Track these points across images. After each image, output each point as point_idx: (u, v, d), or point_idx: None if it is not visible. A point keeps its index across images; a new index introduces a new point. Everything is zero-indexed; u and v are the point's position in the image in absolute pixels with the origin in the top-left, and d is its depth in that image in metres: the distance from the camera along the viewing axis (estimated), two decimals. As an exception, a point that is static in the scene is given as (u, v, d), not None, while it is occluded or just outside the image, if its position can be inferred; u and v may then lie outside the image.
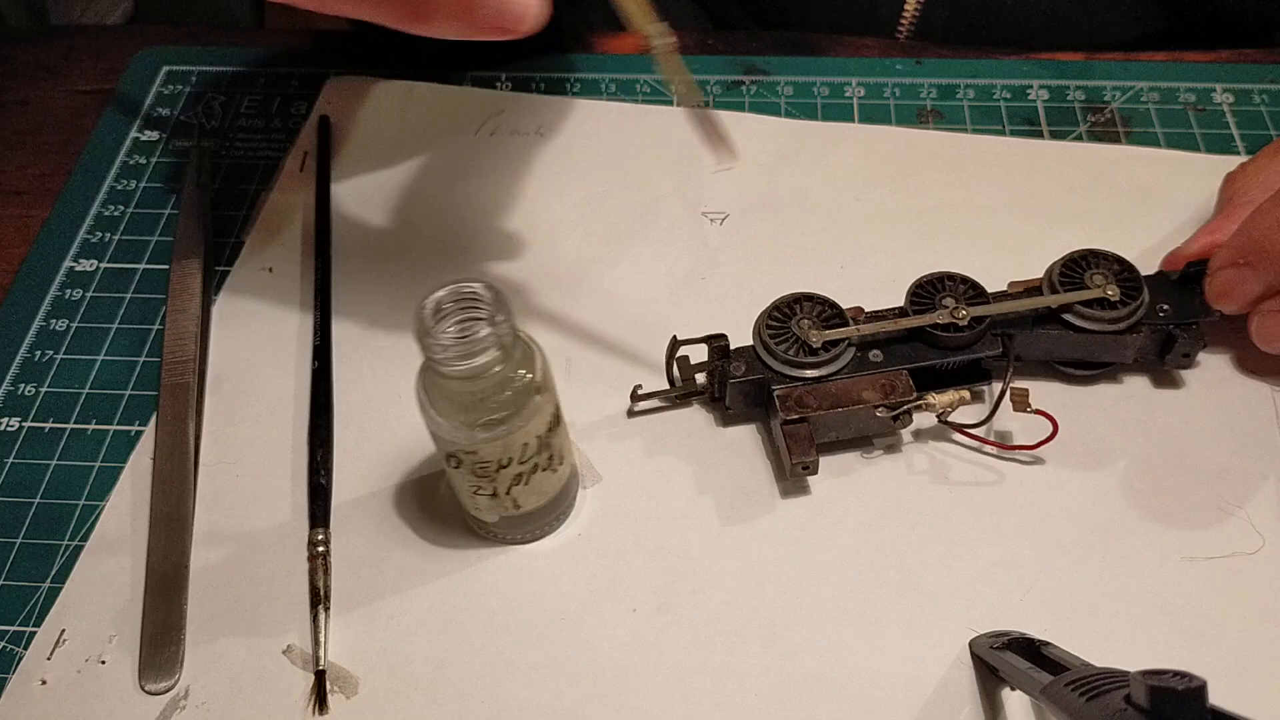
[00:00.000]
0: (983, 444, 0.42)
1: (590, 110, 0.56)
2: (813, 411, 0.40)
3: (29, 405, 0.45)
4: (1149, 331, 0.42)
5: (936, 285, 0.42)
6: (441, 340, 0.33)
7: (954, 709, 0.36)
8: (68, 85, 0.59)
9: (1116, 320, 0.41)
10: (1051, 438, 0.40)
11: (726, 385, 0.42)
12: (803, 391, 0.40)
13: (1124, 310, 0.41)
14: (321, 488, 0.41)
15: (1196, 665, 0.26)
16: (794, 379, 0.40)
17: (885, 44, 0.59)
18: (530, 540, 0.40)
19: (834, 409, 0.40)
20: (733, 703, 0.36)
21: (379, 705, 0.37)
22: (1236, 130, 0.53)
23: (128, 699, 0.37)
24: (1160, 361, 0.43)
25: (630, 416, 0.44)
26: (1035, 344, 0.42)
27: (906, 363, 0.41)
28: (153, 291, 0.49)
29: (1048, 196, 0.51)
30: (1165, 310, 0.42)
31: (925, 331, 0.41)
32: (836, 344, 0.41)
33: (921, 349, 0.41)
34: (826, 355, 0.40)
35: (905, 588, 0.39)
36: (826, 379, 0.40)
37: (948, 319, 0.41)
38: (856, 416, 0.40)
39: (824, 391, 0.40)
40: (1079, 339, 0.42)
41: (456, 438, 0.35)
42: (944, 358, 0.41)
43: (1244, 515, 0.40)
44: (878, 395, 0.40)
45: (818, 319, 0.41)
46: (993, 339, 0.41)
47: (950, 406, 0.40)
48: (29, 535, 0.41)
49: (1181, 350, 0.42)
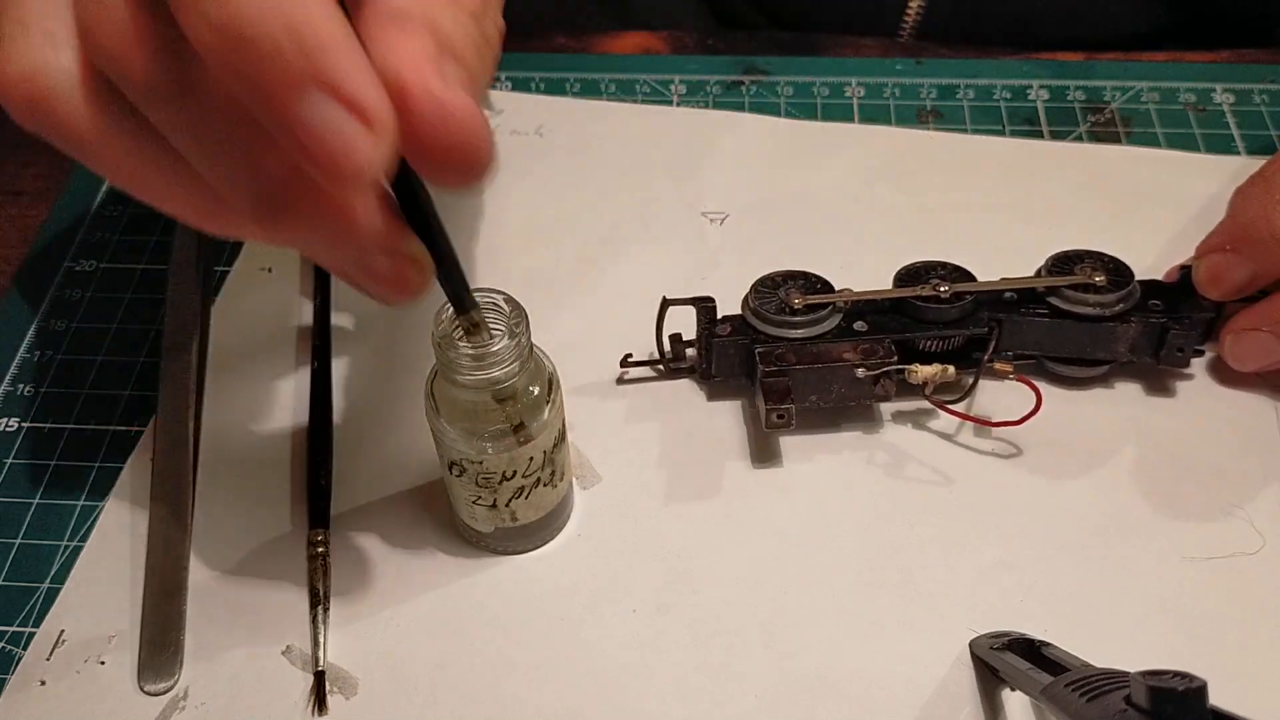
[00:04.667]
0: (965, 420, 0.42)
1: (590, 110, 0.56)
2: (792, 366, 0.40)
3: (29, 405, 0.45)
4: (1141, 325, 0.41)
5: (925, 270, 0.43)
6: (458, 348, 0.33)
7: (954, 709, 0.36)
8: (67, 85, 0.59)
9: (1103, 306, 0.41)
10: (1035, 411, 0.40)
11: (712, 349, 0.42)
12: (785, 350, 0.41)
13: (1110, 295, 0.41)
14: (321, 488, 0.41)
15: (1196, 665, 0.26)
16: (777, 339, 0.41)
17: (885, 44, 0.59)
18: (521, 552, 0.40)
19: (813, 365, 0.40)
20: (732, 703, 0.36)
21: (378, 706, 0.37)
22: (1237, 130, 0.53)
23: (127, 699, 0.37)
24: (1155, 360, 0.42)
25: (619, 384, 0.44)
26: (1024, 333, 0.42)
27: (890, 334, 0.41)
28: (153, 291, 0.49)
29: (1048, 196, 0.51)
30: (1158, 305, 0.42)
31: (910, 305, 0.42)
32: (821, 308, 0.41)
33: (907, 324, 0.42)
34: (810, 317, 0.41)
35: (905, 588, 0.39)
36: (809, 341, 0.41)
37: (930, 291, 0.41)
38: (836, 376, 0.41)
39: (805, 351, 0.41)
40: (1068, 327, 0.42)
41: (463, 446, 0.35)
42: (928, 331, 0.41)
43: (1244, 515, 0.40)
44: (858, 357, 0.41)
45: (804, 290, 0.42)
46: (979, 320, 0.42)
47: (933, 379, 0.40)
48: (29, 535, 0.41)
49: (1175, 345, 0.41)
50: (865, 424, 0.43)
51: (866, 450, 0.42)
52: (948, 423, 0.43)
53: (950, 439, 0.42)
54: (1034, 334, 0.42)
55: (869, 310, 0.42)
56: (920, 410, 0.43)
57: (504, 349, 0.33)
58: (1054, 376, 0.44)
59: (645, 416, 0.44)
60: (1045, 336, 0.42)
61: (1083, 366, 0.43)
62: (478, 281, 0.34)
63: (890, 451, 0.42)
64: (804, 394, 0.41)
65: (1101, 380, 0.44)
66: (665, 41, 0.60)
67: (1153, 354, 0.42)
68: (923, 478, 0.41)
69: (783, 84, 0.57)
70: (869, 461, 0.42)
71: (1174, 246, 0.45)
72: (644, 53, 0.59)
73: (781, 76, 0.57)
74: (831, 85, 0.56)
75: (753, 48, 0.59)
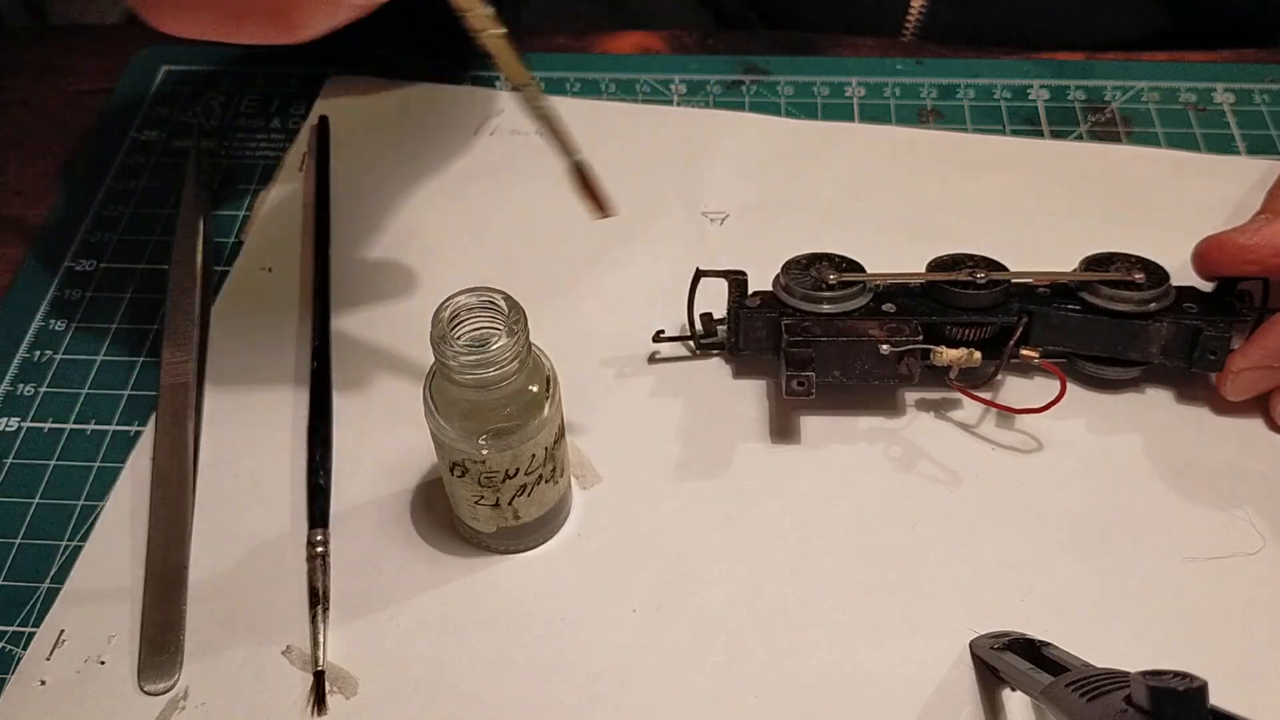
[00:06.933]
0: (988, 406, 0.42)
1: (590, 110, 0.56)
2: (817, 338, 0.40)
3: (29, 405, 0.45)
4: (1174, 326, 0.41)
5: (958, 260, 0.43)
6: (458, 348, 0.32)
7: (954, 710, 0.36)
8: (67, 85, 0.59)
9: (1137, 303, 0.41)
10: (1060, 397, 0.40)
11: (740, 319, 0.42)
12: (812, 324, 0.41)
13: (1145, 293, 0.41)
14: (320, 488, 0.41)
15: (1196, 665, 0.26)
16: (806, 313, 0.41)
17: (885, 44, 0.59)
18: (521, 552, 0.40)
19: (838, 338, 0.40)
20: (732, 703, 0.36)
21: (378, 706, 0.37)
22: (1237, 130, 0.53)
23: (127, 699, 0.37)
24: (1187, 363, 0.41)
25: (651, 363, 0.45)
26: (1055, 328, 0.42)
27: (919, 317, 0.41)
28: (152, 291, 0.49)
29: (1048, 196, 0.51)
30: (1192, 309, 0.41)
31: (941, 291, 0.42)
32: (853, 285, 0.42)
33: (936, 309, 0.42)
34: (840, 293, 0.41)
35: (905, 588, 0.39)
36: (837, 317, 0.41)
37: (966, 276, 0.41)
38: (861, 352, 0.41)
39: (830, 324, 0.41)
40: (1100, 324, 0.41)
41: (464, 445, 0.35)
42: (957, 317, 0.41)
43: (1244, 515, 0.40)
44: (883, 334, 0.40)
45: (837, 268, 0.42)
46: (1010, 309, 0.41)
47: (958, 363, 0.40)
48: (28, 535, 0.41)
49: (1209, 348, 0.41)
50: (883, 414, 0.43)
51: (875, 446, 0.42)
52: (958, 422, 0.43)
53: (955, 441, 0.42)
54: (1065, 330, 0.42)
55: (899, 293, 0.42)
56: (936, 406, 0.43)
57: (502, 348, 0.33)
58: (1085, 379, 0.43)
59: (646, 417, 0.44)
60: (1077, 333, 0.42)
61: (1114, 367, 0.42)
62: (478, 281, 0.34)
63: (896, 450, 0.42)
64: (827, 368, 0.41)
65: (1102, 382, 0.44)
66: (665, 41, 0.60)
67: (1185, 357, 0.41)
68: (926, 478, 0.41)
69: (783, 84, 0.57)
70: (870, 461, 0.42)
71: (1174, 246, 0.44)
72: (644, 53, 0.59)
73: (782, 76, 0.57)
74: (832, 85, 0.56)
75: (753, 47, 0.59)
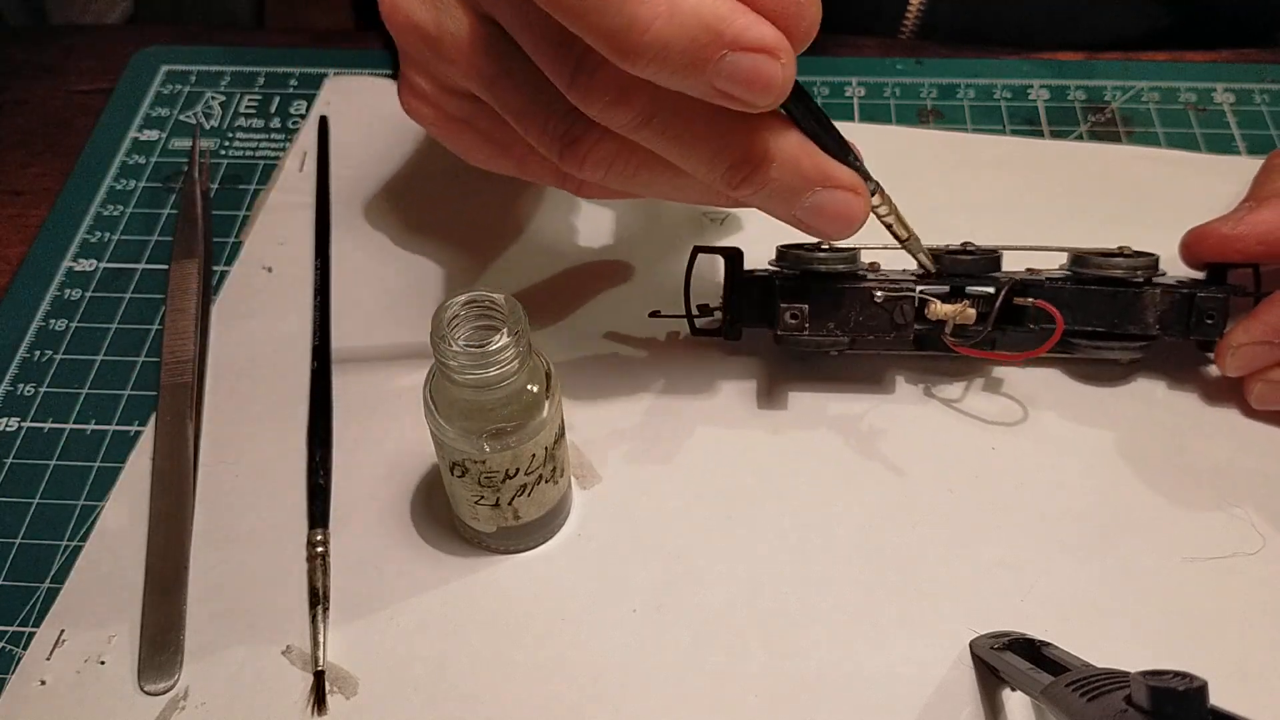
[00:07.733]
0: (984, 358, 0.43)
1: (590, 110, 0.56)
2: (812, 290, 0.41)
3: (29, 405, 0.45)
4: (1169, 294, 0.41)
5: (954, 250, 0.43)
6: (457, 348, 0.33)
7: (954, 710, 0.36)
8: (67, 85, 0.59)
9: (1129, 269, 0.41)
10: (1058, 336, 0.40)
11: (736, 290, 0.42)
12: (808, 281, 0.41)
13: (1136, 259, 0.41)
14: (321, 488, 0.41)
15: (1196, 665, 0.26)
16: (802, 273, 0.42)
17: (885, 44, 0.59)
18: (521, 552, 0.40)
19: (832, 285, 0.41)
20: (732, 703, 0.36)
21: (378, 706, 0.37)
22: (1237, 130, 0.53)
23: (127, 699, 0.37)
24: (1186, 333, 0.41)
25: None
26: (1050, 301, 0.41)
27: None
28: (152, 291, 0.49)
29: (1048, 196, 0.50)
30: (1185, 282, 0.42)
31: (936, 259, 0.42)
32: (845, 250, 0.42)
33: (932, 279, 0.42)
34: (837, 254, 0.41)
35: (905, 588, 0.39)
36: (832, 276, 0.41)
37: (959, 246, 0.42)
38: (855, 300, 0.41)
39: (825, 280, 0.41)
40: (1095, 295, 0.41)
41: (464, 445, 0.35)
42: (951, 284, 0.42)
43: (1244, 515, 0.40)
44: (876, 282, 0.41)
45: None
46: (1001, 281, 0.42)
47: (952, 317, 0.41)
48: (28, 535, 0.41)
49: (1205, 311, 0.41)
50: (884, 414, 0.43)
51: (875, 446, 0.42)
52: (959, 423, 0.43)
53: (955, 441, 0.42)
54: (1060, 303, 0.41)
55: None
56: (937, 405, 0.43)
57: (502, 348, 0.33)
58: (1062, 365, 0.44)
59: (646, 417, 0.44)
60: (1072, 307, 0.41)
61: (1113, 343, 0.42)
62: (479, 283, 0.34)
63: (897, 450, 0.42)
64: (821, 321, 0.41)
65: (1102, 379, 0.44)
66: (665, 41, 0.60)
67: (1183, 327, 0.41)
68: (926, 478, 0.41)
69: (783, 84, 0.56)
70: (874, 460, 0.42)
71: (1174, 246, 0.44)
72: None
73: (781, 76, 0.57)
74: (831, 85, 0.56)
75: (753, 47, 0.59)
